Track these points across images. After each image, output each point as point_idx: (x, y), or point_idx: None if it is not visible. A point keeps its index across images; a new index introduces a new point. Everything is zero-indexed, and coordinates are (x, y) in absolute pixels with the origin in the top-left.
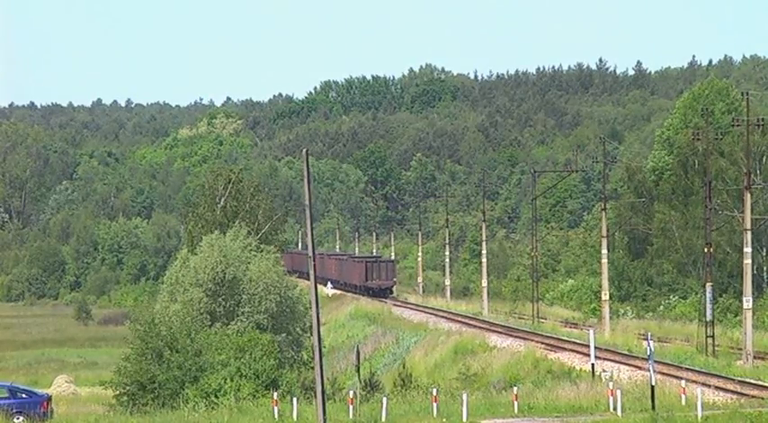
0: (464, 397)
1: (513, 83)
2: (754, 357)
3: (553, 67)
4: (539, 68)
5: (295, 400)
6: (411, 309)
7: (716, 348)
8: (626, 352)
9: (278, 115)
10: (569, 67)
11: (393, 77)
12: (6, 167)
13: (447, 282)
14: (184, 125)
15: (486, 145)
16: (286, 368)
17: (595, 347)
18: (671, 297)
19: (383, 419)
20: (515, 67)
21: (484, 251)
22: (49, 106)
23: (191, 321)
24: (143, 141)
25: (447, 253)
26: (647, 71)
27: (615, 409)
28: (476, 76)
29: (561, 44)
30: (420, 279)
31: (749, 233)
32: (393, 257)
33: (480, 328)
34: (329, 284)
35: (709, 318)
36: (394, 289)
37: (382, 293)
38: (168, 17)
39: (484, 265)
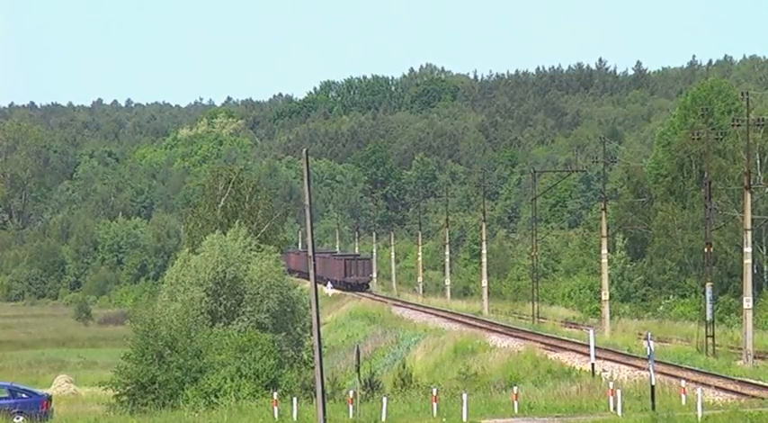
0: (464, 397)
1: (513, 83)
2: (754, 357)
3: (553, 67)
4: (539, 68)
5: (295, 399)
6: (411, 309)
7: (716, 348)
8: (626, 352)
9: (278, 115)
10: (569, 67)
11: (393, 77)
12: (6, 167)
13: (447, 282)
14: (184, 125)
15: (486, 145)
16: (286, 368)
17: (595, 347)
18: (670, 297)
19: (383, 419)
20: (515, 67)
21: (484, 251)
22: (49, 106)
23: (191, 321)
24: (143, 141)
25: (447, 253)
26: (647, 71)
27: (615, 409)
28: (476, 76)
29: (561, 44)
30: (420, 279)
31: (749, 233)
32: (369, 255)
33: (480, 327)
34: (329, 284)
35: (709, 318)
36: (371, 284)
37: (360, 288)
38: (168, 17)
39: (484, 265)
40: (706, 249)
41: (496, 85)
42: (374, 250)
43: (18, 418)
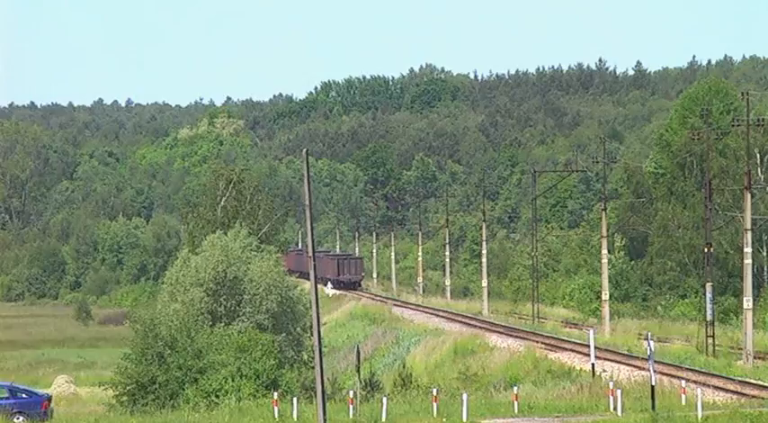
0: (464, 397)
1: (513, 83)
2: (754, 357)
3: (553, 67)
4: (539, 68)
5: (295, 400)
6: (411, 309)
7: (716, 348)
8: (626, 352)
9: (278, 115)
10: (569, 67)
11: (393, 77)
12: (6, 167)
13: (447, 282)
14: (184, 125)
15: (487, 145)
16: (286, 368)
17: (595, 347)
18: (668, 296)
19: (383, 419)
20: (515, 67)
21: (484, 251)
22: (49, 106)
23: (191, 321)
24: (143, 141)
25: (447, 253)
26: (647, 71)
27: (615, 409)
28: (476, 76)
29: (561, 44)
30: (420, 279)
31: (749, 233)
32: (361, 255)
33: (480, 328)
34: (329, 284)
35: (709, 318)
36: (362, 282)
37: (352, 286)
38: (168, 17)
39: (484, 265)
40: (706, 249)
41: (496, 85)
42: (374, 250)
43: (18, 418)
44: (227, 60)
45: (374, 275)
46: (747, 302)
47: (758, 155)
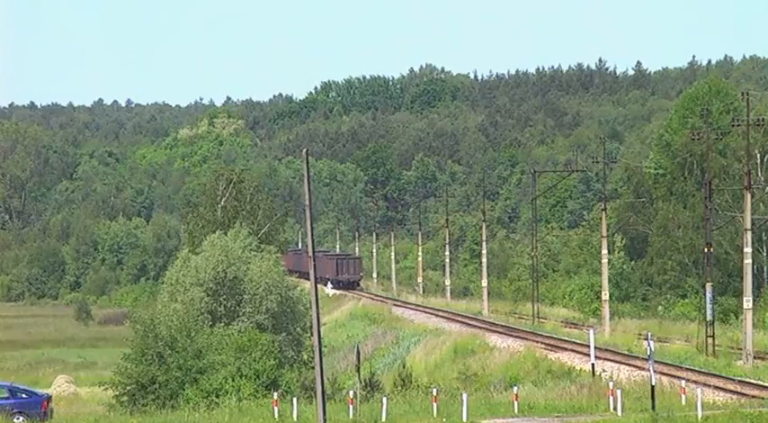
0: (464, 397)
1: (513, 83)
2: (754, 357)
3: (553, 67)
4: (539, 68)
5: (295, 400)
6: (411, 309)
7: (716, 348)
8: (626, 352)
9: (278, 115)
10: (569, 67)
11: (393, 77)
12: (6, 167)
13: (447, 282)
14: (184, 125)
15: (487, 145)
16: (286, 368)
17: (595, 347)
18: (668, 296)
19: (383, 419)
20: (515, 67)
21: (484, 251)
22: (49, 106)
23: (191, 321)
24: (143, 141)
25: (447, 253)
26: (647, 71)
27: (615, 409)
28: (476, 76)
29: (561, 44)
30: (420, 279)
31: (749, 233)
32: (360, 255)
33: (480, 328)
34: (329, 284)
35: (709, 318)
36: (361, 282)
37: (351, 285)
38: (168, 17)
39: (484, 265)
40: (706, 249)
41: (496, 85)
42: (374, 250)
43: (18, 418)
44: (227, 60)
45: (374, 275)
46: (747, 302)
47: (758, 155)
